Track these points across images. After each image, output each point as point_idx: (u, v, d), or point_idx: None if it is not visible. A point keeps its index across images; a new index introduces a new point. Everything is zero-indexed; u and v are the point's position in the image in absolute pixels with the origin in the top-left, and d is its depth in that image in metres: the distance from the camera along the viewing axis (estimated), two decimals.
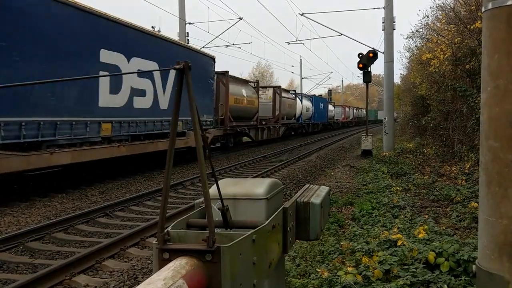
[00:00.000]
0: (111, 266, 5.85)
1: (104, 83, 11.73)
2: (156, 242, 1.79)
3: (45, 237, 7.12)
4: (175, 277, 1.54)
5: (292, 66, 71.22)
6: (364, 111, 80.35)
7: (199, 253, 1.71)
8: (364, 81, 19.86)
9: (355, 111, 75.24)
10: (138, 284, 1.51)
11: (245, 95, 24.56)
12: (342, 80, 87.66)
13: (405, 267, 4.50)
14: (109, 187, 11.84)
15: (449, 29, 14.23)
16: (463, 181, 9.95)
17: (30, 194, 10.51)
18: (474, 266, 2.60)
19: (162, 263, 1.71)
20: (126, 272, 5.53)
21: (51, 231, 7.29)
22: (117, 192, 11.28)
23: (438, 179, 11.06)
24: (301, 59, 63.11)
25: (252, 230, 1.94)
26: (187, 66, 1.68)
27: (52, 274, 5.19)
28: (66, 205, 9.64)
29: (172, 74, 14.92)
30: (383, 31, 20.23)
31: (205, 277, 1.68)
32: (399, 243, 5.20)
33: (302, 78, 62.95)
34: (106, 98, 11.83)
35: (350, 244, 5.60)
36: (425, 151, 17.07)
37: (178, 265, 1.63)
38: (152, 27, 37.24)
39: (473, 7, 12.05)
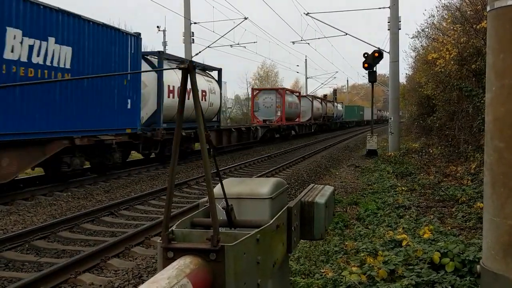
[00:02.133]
0: (116, 265, 5.87)
1: None
2: (161, 241, 1.79)
3: (51, 235, 7.15)
4: (179, 276, 1.55)
5: (297, 65, 71.09)
6: (339, 107, 55.72)
7: (203, 252, 1.71)
8: (370, 80, 19.83)
9: (321, 105, 42.84)
10: (143, 283, 1.51)
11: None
12: (348, 80, 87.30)
13: (410, 267, 4.49)
14: (114, 186, 11.87)
15: (455, 28, 14.15)
16: (469, 181, 9.90)
17: (35, 193, 10.56)
18: (478, 266, 2.59)
19: (167, 262, 1.72)
20: (130, 271, 5.54)
21: (56, 230, 7.32)
22: (122, 191, 11.31)
23: (444, 179, 11.02)
24: (306, 59, 62.97)
25: (257, 230, 1.94)
26: (192, 65, 1.69)
27: (57, 272, 5.22)
28: (71, 204, 9.67)
29: None
30: (389, 30, 20.16)
31: (209, 276, 1.69)
32: (404, 243, 5.18)
33: (307, 78, 62.94)
34: None
35: (355, 244, 5.59)
36: (431, 151, 17.01)
37: (183, 264, 1.63)
38: (158, 26, 37.22)
39: (479, 6, 11.98)
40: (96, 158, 12.88)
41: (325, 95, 53.25)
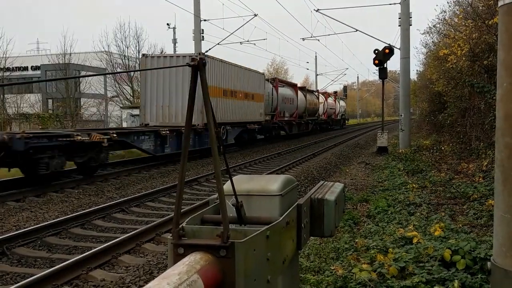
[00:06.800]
0: (127, 261, 5.91)
1: None
2: (171, 238, 1.80)
3: (62, 232, 7.21)
4: (189, 272, 1.56)
5: (307, 62, 70.93)
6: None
7: (213, 249, 1.72)
8: (380, 77, 19.68)
9: None
10: (154, 279, 1.52)
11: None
12: (358, 77, 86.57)
13: (421, 264, 4.47)
14: (125, 183, 11.95)
15: (466, 24, 14.00)
16: (481, 179, 9.82)
17: (47, 189, 10.66)
18: (489, 264, 2.57)
19: (177, 258, 1.73)
20: (141, 267, 5.58)
21: (68, 226, 7.38)
22: (133, 188, 11.37)
23: (455, 177, 10.94)
24: (316, 56, 62.74)
25: (266, 226, 1.94)
26: (201, 62, 1.69)
27: (69, 268, 5.26)
28: (83, 200, 9.75)
29: None
30: (399, 26, 20.01)
31: (219, 272, 1.70)
32: (414, 240, 5.16)
33: (317, 75, 62.72)
34: None
35: (365, 241, 5.57)
36: (442, 148, 16.87)
37: (193, 260, 1.64)
38: (168, 24, 37.21)
39: (491, 1, 11.84)
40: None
41: (335, 92, 52.92)
